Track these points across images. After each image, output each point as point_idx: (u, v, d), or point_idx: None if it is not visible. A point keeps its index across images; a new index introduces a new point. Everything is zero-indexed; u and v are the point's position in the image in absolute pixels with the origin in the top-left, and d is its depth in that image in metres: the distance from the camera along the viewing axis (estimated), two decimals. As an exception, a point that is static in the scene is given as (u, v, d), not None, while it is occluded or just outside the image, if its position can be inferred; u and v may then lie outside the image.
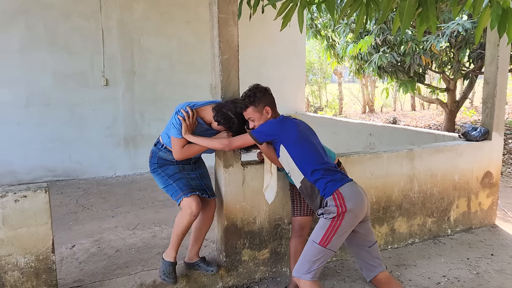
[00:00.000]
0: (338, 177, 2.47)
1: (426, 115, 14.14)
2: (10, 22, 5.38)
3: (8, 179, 5.57)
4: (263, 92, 2.65)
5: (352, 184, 2.48)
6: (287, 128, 2.55)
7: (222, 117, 2.66)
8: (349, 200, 2.37)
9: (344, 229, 2.40)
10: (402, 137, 5.50)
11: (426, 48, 7.04)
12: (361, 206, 2.42)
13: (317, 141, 2.62)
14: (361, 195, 2.45)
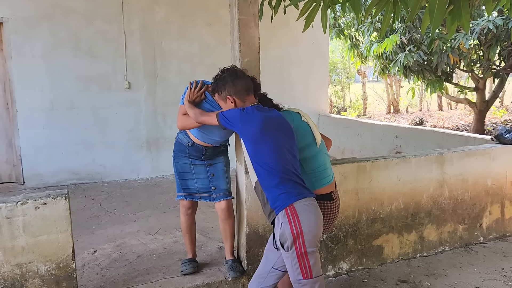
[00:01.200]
0: (296, 191, 2.12)
1: (453, 115, 13.72)
2: (34, 28, 5.46)
3: (34, 182, 5.65)
4: (225, 81, 2.38)
5: (312, 201, 2.14)
6: (248, 121, 2.24)
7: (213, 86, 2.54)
8: (305, 217, 2.06)
9: (313, 249, 2.09)
10: (430, 140, 5.31)
11: (454, 47, 6.80)
12: (318, 225, 2.10)
13: (287, 144, 2.23)
14: (319, 214, 2.13)
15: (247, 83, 2.41)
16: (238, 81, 2.38)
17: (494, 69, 7.55)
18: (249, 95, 2.40)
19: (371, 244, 3.39)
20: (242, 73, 2.44)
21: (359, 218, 3.31)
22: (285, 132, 2.28)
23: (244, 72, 2.47)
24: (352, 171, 3.23)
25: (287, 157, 2.20)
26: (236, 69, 2.45)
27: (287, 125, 2.31)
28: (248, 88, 2.40)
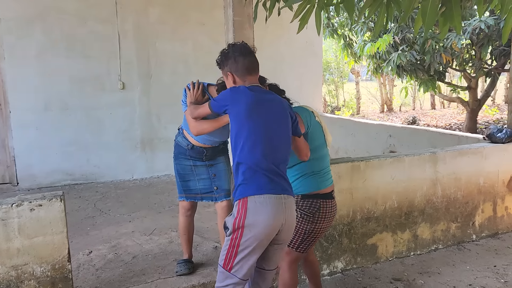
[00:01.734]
0: (258, 185, 1.98)
1: (446, 114, 13.83)
2: (27, 28, 5.43)
3: (28, 183, 5.63)
4: (228, 57, 2.22)
5: (273, 200, 1.97)
6: (237, 100, 2.09)
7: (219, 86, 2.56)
8: (252, 215, 1.95)
9: (246, 251, 1.98)
10: (423, 139, 5.36)
11: (447, 46, 6.86)
12: (265, 228, 1.95)
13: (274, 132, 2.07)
14: (273, 216, 1.96)
15: (251, 62, 2.21)
16: (241, 58, 2.18)
17: (486, 68, 7.63)
18: (251, 75, 2.20)
19: (366, 243, 3.42)
20: (248, 51, 2.22)
21: (354, 217, 3.34)
22: (276, 118, 2.10)
23: (251, 50, 2.25)
24: (347, 171, 3.26)
25: (268, 145, 2.04)
26: (243, 46, 2.24)
27: (281, 112, 2.13)
28: (251, 68, 2.20)
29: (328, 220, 2.43)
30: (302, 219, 2.39)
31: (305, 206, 2.39)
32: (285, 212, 2.02)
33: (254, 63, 2.22)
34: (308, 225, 2.38)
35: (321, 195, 2.38)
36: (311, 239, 2.43)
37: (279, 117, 2.11)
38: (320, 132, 2.48)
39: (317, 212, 2.37)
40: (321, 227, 2.41)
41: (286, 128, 2.13)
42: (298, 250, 2.44)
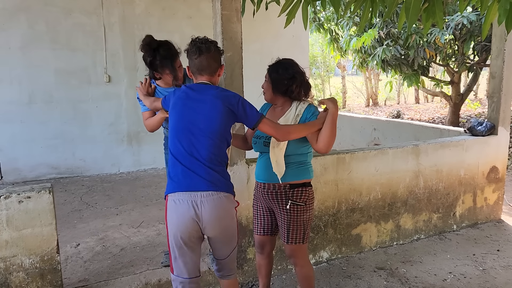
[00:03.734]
0: (175, 181, 2.02)
1: (430, 108, 14.07)
2: (12, 20, 5.36)
3: (12, 176, 5.58)
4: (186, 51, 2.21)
5: (182, 197, 1.98)
6: (173, 95, 2.19)
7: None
8: (169, 214, 2.02)
9: (175, 251, 2.02)
10: (407, 132, 5.47)
11: (430, 41, 6.98)
12: (176, 227, 1.99)
13: (196, 124, 2.03)
14: (181, 215, 1.98)
15: (201, 62, 2.13)
16: (194, 57, 2.14)
17: (468, 63, 7.79)
18: (201, 74, 2.16)
19: (350, 233, 3.50)
20: (206, 50, 2.13)
21: (339, 208, 3.41)
22: (205, 109, 2.04)
23: (207, 48, 2.14)
24: (332, 163, 3.32)
25: (191, 137, 2.02)
26: (202, 45, 2.14)
27: (210, 107, 2.05)
28: (200, 68, 2.14)
29: (313, 205, 2.50)
30: (296, 211, 2.40)
31: (297, 196, 2.39)
32: (198, 209, 1.98)
33: (203, 63, 2.13)
34: (304, 214, 2.41)
35: (309, 183, 2.44)
36: (309, 227, 2.49)
37: (210, 110, 2.04)
38: None
39: (307, 200, 2.42)
40: (311, 214, 2.48)
41: (214, 121, 2.03)
42: (305, 241, 2.46)
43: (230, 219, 2.11)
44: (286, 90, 2.42)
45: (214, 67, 2.17)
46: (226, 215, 2.07)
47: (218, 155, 2.05)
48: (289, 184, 2.40)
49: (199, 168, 2.00)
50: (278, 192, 2.42)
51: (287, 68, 2.44)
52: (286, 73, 2.42)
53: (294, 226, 2.41)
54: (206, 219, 1.99)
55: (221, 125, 2.05)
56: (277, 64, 2.49)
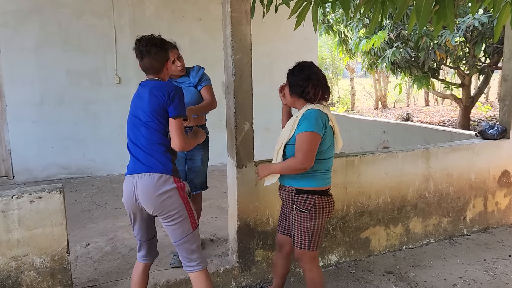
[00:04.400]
0: (128, 167, 2.32)
1: (440, 110, 13.96)
2: (25, 21, 5.43)
3: (24, 176, 5.64)
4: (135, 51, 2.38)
5: (127, 180, 2.28)
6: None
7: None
8: (123, 191, 2.34)
9: (129, 218, 2.38)
10: (417, 135, 5.44)
11: (441, 43, 6.93)
12: (125, 204, 2.33)
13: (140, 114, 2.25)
14: (126, 194, 2.29)
15: (146, 64, 2.29)
16: (139, 59, 2.30)
17: (479, 65, 7.72)
18: (148, 73, 2.33)
19: (359, 236, 3.49)
20: (147, 53, 2.26)
21: (348, 211, 3.40)
22: (144, 101, 2.24)
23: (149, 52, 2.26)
24: (341, 166, 3.31)
25: (134, 128, 2.29)
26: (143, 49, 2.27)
27: (148, 96, 2.22)
28: (146, 69, 2.31)
29: (325, 215, 2.43)
30: (300, 218, 2.40)
31: (300, 202, 2.39)
32: (135, 189, 2.25)
33: (147, 65, 2.29)
34: (308, 222, 2.39)
35: (316, 191, 2.38)
36: (317, 236, 2.44)
37: (145, 101, 2.24)
38: (329, 138, 2.42)
39: (312, 208, 2.37)
40: (321, 223, 2.42)
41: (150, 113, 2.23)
42: (311, 249, 2.44)
43: (166, 197, 2.23)
44: (302, 92, 2.39)
45: (158, 66, 2.31)
46: (157, 192, 2.22)
47: (155, 141, 2.25)
48: (295, 188, 2.41)
49: (140, 155, 2.27)
50: (287, 195, 2.46)
51: (303, 69, 2.42)
52: (301, 74, 2.40)
53: (299, 232, 2.42)
54: (139, 196, 2.24)
55: (155, 114, 2.23)
56: (294, 67, 2.48)
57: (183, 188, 2.30)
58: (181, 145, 2.24)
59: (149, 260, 2.51)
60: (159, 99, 2.22)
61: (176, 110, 2.23)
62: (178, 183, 2.27)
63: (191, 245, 2.31)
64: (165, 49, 2.34)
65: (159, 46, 2.30)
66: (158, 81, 2.30)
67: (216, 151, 6.84)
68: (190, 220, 2.30)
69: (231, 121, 2.93)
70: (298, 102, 2.45)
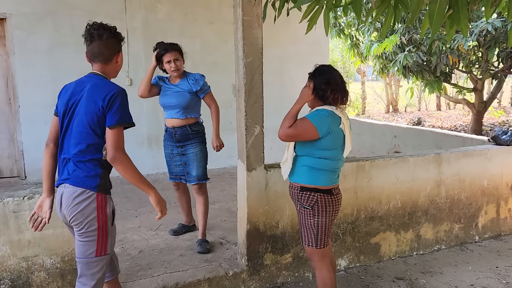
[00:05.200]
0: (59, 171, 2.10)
1: (452, 115, 13.82)
2: (39, 23, 5.50)
3: (36, 177, 5.70)
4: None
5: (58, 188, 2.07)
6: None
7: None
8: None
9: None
10: (428, 140, 5.38)
11: (453, 48, 6.87)
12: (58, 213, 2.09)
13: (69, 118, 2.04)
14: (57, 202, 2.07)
15: (94, 49, 2.07)
16: (87, 43, 2.09)
17: (492, 70, 7.63)
18: (94, 62, 2.11)
19: (369, 241, 3.46)
20: (98, 37, 2.05)
21: (358, 216, 3.38)
22: (80, 102, 2.02)
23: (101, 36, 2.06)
24: (351, 170, 3.29)
25: (64, 133, 2.06)
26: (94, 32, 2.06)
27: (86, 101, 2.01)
28: (94, 55, 2.09)
29: (329, 214, 2.44)
30: (304, 214, 2.45)
31: (304, 199, 2.44)
32: (59, 201, 2.05)
33: (95, 50, 2.07)
34: (311, 219, 2.42)
35: (319, 189, 2.42)
36: (323, 233, 2.45)
37: (82, 103, 2.03)
38: (339, 140, 2.44)
39: (315, 205, 2.41)
40: (325, 221, 2.44)
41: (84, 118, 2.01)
42: (318, 246, 2.46)
43: (80, 209, 1.99)
44: (322, 96, 2.44)
45: (108, 54, 2.08)
46: (73, 203, 2.00)
47: (86, 155, 2.02)
48: (300, 186, 2.47)
49: (69, 160, 2.04)
50: (294, 192, 2.53)
51: (323, 74, 2.46)
52: (322, 78, 2.45)
53: (304, 228, 2.48)
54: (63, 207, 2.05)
55: (91, 123, 1.99)
56: (315, 70, 2.53)
57: (104, 207, 2.05)
58: (117, 161, 1.97)
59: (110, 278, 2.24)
60: (96, 106, 1.97)
61: (113, 118, 1.97)
62: (100, 202, 2.03)
63: (89, 270, 2.03)
64: (119, 39, 2.13)
65: (113, 33, 2.09)
66: (99, 80, 2.07)
67: (226, 154, 6.87)
68: (97, 245, 2.02)
69: (242, 124, 2.93)
70: (317, 103, 2.50)
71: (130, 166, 2.04)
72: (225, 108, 6.63)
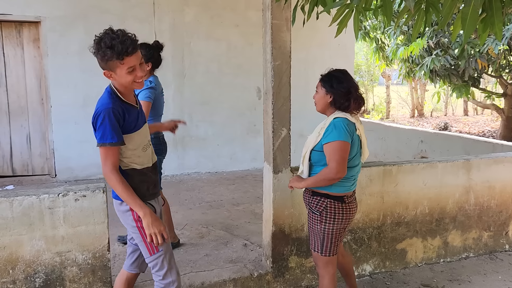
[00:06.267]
0: None
1: (479, 120, 13.50)
2: (71, 27, 5.66)
3: (65, 175, 5.86)
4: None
5: None
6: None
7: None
8: None
9: None
10: (456, 146, 5.28)
11: (483, 52, 6.73)
12: None
13: None
14: None
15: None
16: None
17: (524, 75, 7.43)
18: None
19: (395, 247, 3.42)
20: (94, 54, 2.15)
21: (384, 221, 3.34)
22: None
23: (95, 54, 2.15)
24: (378, 175, 3.27)
25: None
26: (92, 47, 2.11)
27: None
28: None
29: (338, 221, 2.40)
30: (312, 219, 2.45)
31: (313, 203, 2.44)
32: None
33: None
34: (318, 224, 2.41)
35: (329, 195, 2.38)
36: (329, 241, 2.41)
37: None
38: (356, 146, 2.42)
39: (323, 211, 2.38)
40: (334, 229, 2.39)
41: None
42: (324, 253, 2.44)
43: (125, 223, 2.23)
44: (341, 105, 2.40)
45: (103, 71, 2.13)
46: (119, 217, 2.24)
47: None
48: (312, 190, 2.47)
49: None
50: (305, 196, 2.54)
51: (342, 82, 2.40)
52: (341, 87, 2.39)
53: (311, 233, 2.48)
54: None
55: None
56: (330, 77, 2.43)
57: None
58: (106, 178, 2.06)
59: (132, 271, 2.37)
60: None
61: (97, 137, 2.09)
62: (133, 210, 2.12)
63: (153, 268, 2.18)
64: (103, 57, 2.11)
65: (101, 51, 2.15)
66: (103, 94, 2.18)
67: (249, 156, 6.92)
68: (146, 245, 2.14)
69: (269, 127, 2.95)
70: (329, 110, 2.46)
71: (118, 184, 2.03)
72: (249, 110, 6.69)
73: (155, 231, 2.05)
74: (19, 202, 2.40)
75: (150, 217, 2.05)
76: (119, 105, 2.10)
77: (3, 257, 2.40)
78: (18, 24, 5.61)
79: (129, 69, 2.03)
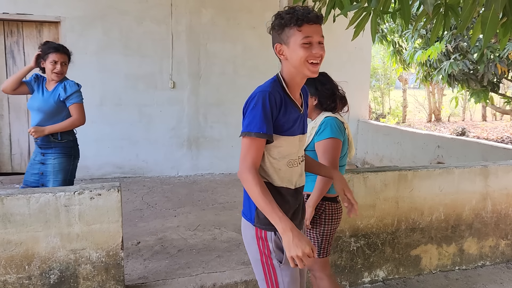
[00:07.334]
0: None
1: (498, 126, 13.25)
2: (89, 27, 5.75)
3: (81, 173, 5.92)
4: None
5: None
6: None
7: None
8: None
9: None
10: (474, 152, 5.18)
11: (503, 56, 6.60)
12: None
13: None
14: None
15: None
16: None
17: (545, 80, 7.27)
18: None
19: (409, 253, 3.38)
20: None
21: (398, 227, 3.30)
22: None
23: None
24: (393, 180, 3.23)
25: None
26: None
27: None
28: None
29: (334, 221, 2.43)
30: (312, 223, 2.41)
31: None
32: None
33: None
34: (318, 228, 2.40)
35: (326, 197, 2.39)
36: (326, 242, 2.45)
37: None
38: (345, 145, 2.45)
39: (322, 214, 2.39)
40: (331, 229, 2.43)
41: None
42: (322, 255, 2.44)
43: (247, 249, 1.89)
44: (327, 106, 2.44)
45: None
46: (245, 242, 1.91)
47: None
48: (307, 194, 2.40)
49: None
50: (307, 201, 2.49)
51: (325, 83, 2.45)
52: (325, 88, 2.43)
53: (309, 237, 2.44)
54: None
55: None
56: (313, 80, 2.32)
57: (265, 240, 1.75)
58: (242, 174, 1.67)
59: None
60: None
61: (244, 125, 1.77)
62: (258, 233, 1.77)
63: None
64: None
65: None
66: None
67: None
68: (266, 284, 1.80)
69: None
70: (314, 112, 2.48)
71: (256, 186, 1.64)
72: (264, 112, 6.69)
73: (297, 253, 1.54)
74: (36, 199, 2.44)
75: (292, 234, 1.56)
76: (279, 92, 1.72)
77: (20, 253, 2.45)
78: (39, 24, 5.72)
79: (305, 40, 1.66)
